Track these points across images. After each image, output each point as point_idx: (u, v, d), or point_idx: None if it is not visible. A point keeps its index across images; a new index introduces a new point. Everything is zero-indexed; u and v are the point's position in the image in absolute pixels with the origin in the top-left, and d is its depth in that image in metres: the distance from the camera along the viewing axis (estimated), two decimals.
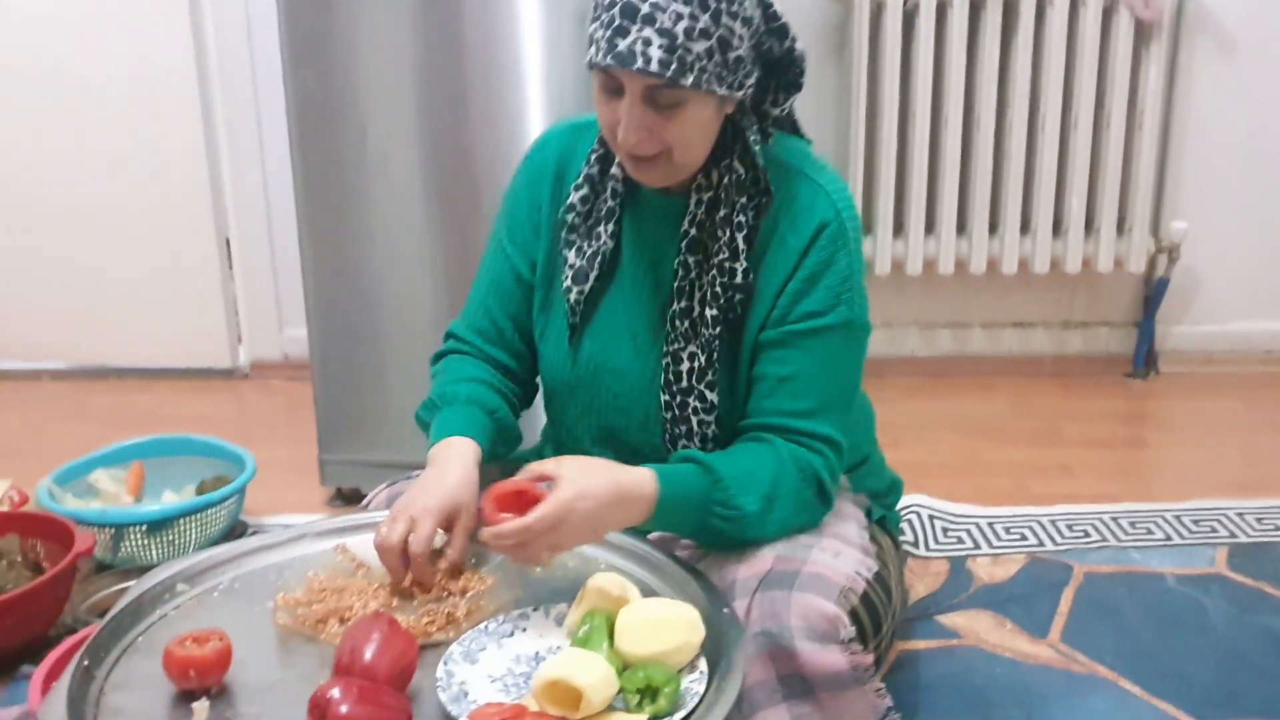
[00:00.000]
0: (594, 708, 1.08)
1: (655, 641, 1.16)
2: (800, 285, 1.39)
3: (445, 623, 1.29)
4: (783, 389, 1.40)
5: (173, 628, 1.30)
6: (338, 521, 1.52)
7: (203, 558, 1.42)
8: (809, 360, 1.40)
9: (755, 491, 1.35)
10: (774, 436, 1.40)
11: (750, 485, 1.35)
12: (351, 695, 1.06)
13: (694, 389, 1.43)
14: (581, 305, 1.48)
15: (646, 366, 1.46)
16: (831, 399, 1.42)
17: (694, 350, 1.42)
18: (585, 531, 1.29)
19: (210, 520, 2.03)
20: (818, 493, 1.40)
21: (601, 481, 1.30)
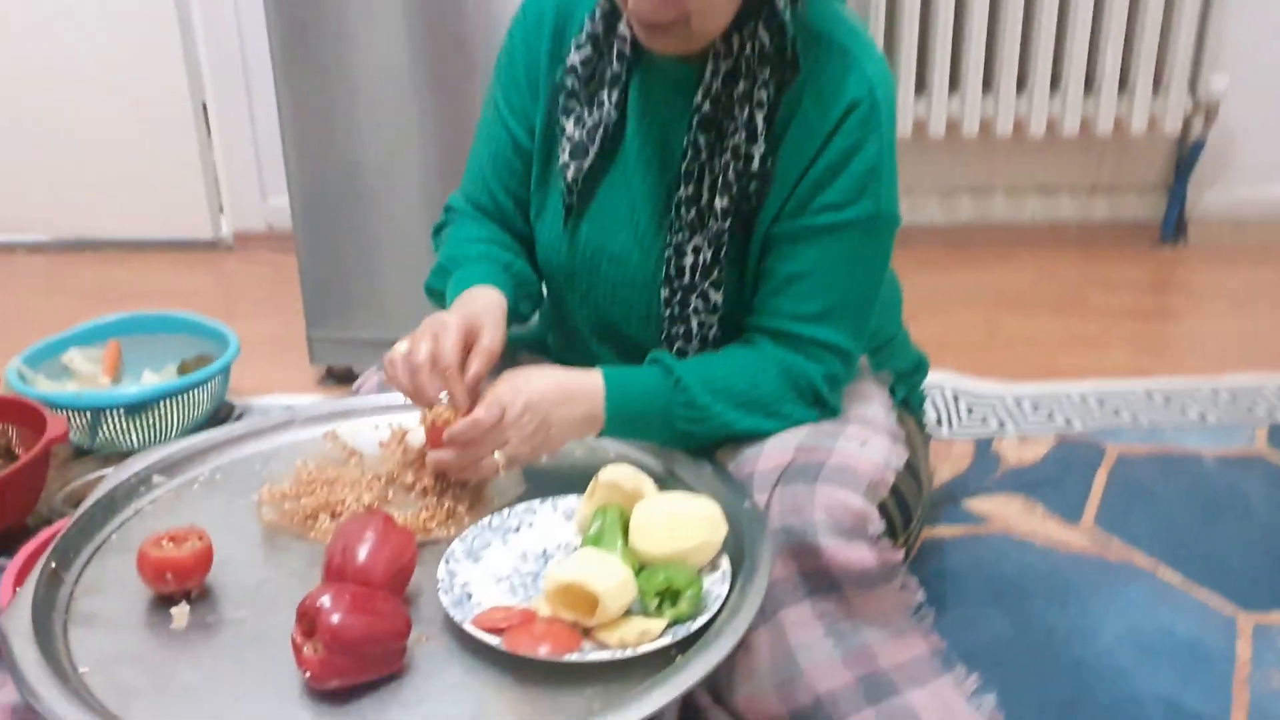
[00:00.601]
0: (610, 614, 0.99)
1: (673, 539, 1.06)
2: (822, 173, 1.24)
3: (446, 518, 1.19)
4: (790, 289, 1.27)
5: (148, 524, 1.20)
6: (327, 406, 1.41)
7: (181, 447, 1.31)
8: (823, 258, 1.26)
9: (724, 395, 1.25)
10: (767, 340, 1.28)
11: (720, 389, 1.24)
12: (343, 603, 0.96)
13: (697, 286, 1.30)
14: (579, 184, 1.33)
15: (648, 257, 1.32)
16: (845, 302, 1.28)
17: (699, 243, 1.28)
18: (533, 429, 1.18)
19: (193, 402, 1.91)
20: (811, 401, 1.28)
21: (541, 376, 1.21)
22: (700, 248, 1.28)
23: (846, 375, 1.32)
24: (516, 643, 0.97)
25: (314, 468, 1.27)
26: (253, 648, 1.02)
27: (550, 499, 1.20)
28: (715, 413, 1.24)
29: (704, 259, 1.28)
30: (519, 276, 1.39)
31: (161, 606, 1.07)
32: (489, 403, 1.16)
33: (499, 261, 1.38)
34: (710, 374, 1.25)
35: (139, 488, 1.25)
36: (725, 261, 1.28)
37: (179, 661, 1.01)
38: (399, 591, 1.06)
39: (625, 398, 1.22)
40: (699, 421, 1.24)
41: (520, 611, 1.01)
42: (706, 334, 1.33)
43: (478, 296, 1.30)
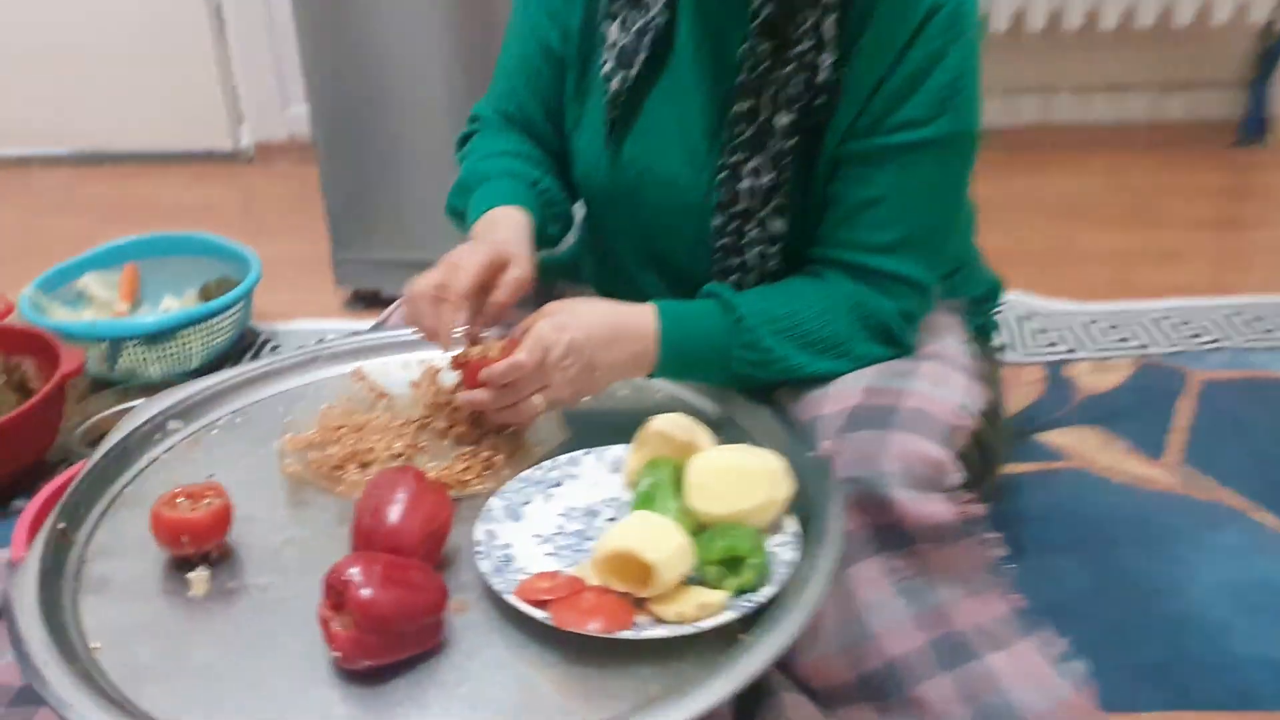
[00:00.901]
0: (665, 585, 0.89)
1: (734, 498, 0.96)
2: (899, 86, 1.10)
3: (482, 469, 1.09)
4: (862, 217, 1.14)
5: (164, 475, 1.11)
6: (353, 342, 1.31)
7: (197, 389, 1.21)
8: (899, 182, 1.13)
9: (790, 335, 1.13)
10: (835, 273, 1.16)
11: (785, 328, 1.13)
12: (375, 575, 0.87)
13: (755, 213, 1.17)
14: (623, 96, 1.20)
15: (699, 180, 1.19)
16: (922, 230, 1.16)
17: (759, 165, 1.15)
18: (578, 371, 1.07)
19: (216, 329, 1.82)
20: (884, 340, 1.16)
21: (588, 312, 1.10)
22: (760, 169, 1.16)
23: (922, 310, 1.20)
24: (564, 617, 0.88)
25: (340, 412, 1.17)
26: (277, 617, 0.94)
27: (595, 449, 1.09)
28: (780, 355, 1.12)
29: (764, 182, 1.15)
30: (547, 196, 1.27)
31: (179, 570, 0.99)
32: (530, 343, 1.05)
33: (525, 179, 1.26)
34: (774, 311, 1.13)
35: (153, 435, 1.16)
36: (788, 186, 1.15)
37: (197, 635, 0.92)
38: (434, 556, 0.97)
39: (680, 337, 1.11)
40: (761, 365, 1.13)
41: (567, 580, 0.92)
42: (765, 266, 1.21)
43: (502, 220, 1.19)
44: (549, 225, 1.27)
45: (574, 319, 1.08)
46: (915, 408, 1.10)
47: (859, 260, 1.15)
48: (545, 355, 1.05)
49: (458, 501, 1.04)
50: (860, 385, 1.14)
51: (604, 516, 1.03)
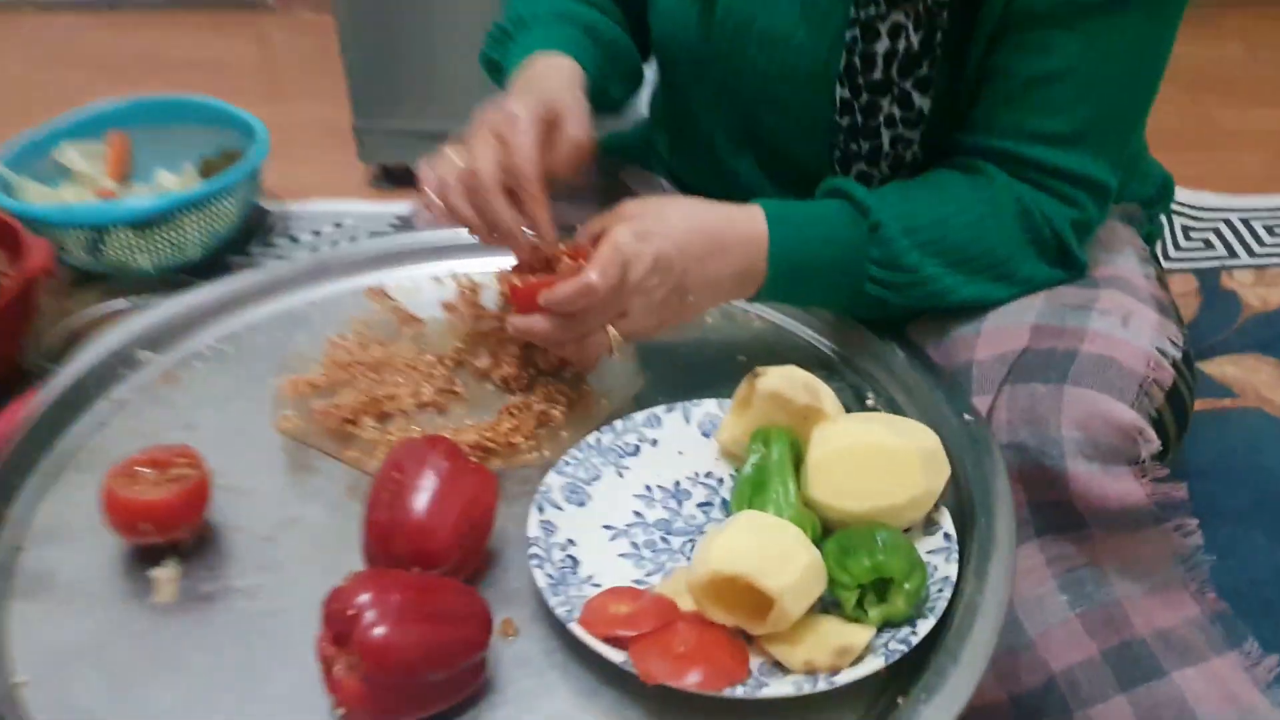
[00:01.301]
0: (789, 620, 0.65)
1: (875, 490, 0.71)
2: None
3: (536, 427, 0.85)
4: (1034, 97, 0.87)
5: (128, 425, 0.88)
6: (372, 248, 1.05)
7: (175, 309, 0.97)
8: (1088, 51, 0.85)
9: (938, 250, 0.86)
10: (995, 168, 0.89)
11: (931, 240, 0.86)
12: (391, 607, 0.63)
13: (893, 84, 0.90)
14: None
15: (820, 39, 0.91)
16: (1109, 117, 0.89)
17: (900, 21, 0.88)
18: (665, 294, 0.81)
19: (218, 212, 1.56)
20: (1054, 258, 0.90)
21: (680, 215, 0.83)
22: (902, 28, 0.87)
23: (1099, 220, 0.93)
24: (652, 664, 0.64)
25: (353, 344, 0.92)
26: (267, 638, 0.71)
27: (679, 405, 0.84)
28: (925, 276, 0.86)
29: (906, 44, 0.87)
30: (609, 44, 0.99)
31: (141, 564, 0.76)
32: (605, 258, 0.78)
33: (579, 22, 0.98)
34: (917, 217, 0.86)
35: (118, 370, 0.92)
36: (938, 52, 0.87)
37: (161, 662, 0.70)
38: (472, 559, 0.73)
39: (798, 249, 0.84)
40: (899, 287, 0.86)
41: (653, 604, 0.68)
42: (902, 155, 0.93)
43: (547, 69, 0.91)
44: (610, 83, 0.99)
45: (661, 225, 0.81)
46: (1098, 354, 0.83)
47: (1028, 153, 0.87)
48: (624, 274, 0.79)
49: (502, 475, 0.79)
50: (1025, 321, 0.87)
51: (694, 500, 0.78)
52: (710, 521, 0.77)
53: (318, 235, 1.73)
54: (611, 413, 0.85)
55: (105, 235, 1.50)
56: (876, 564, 0.66)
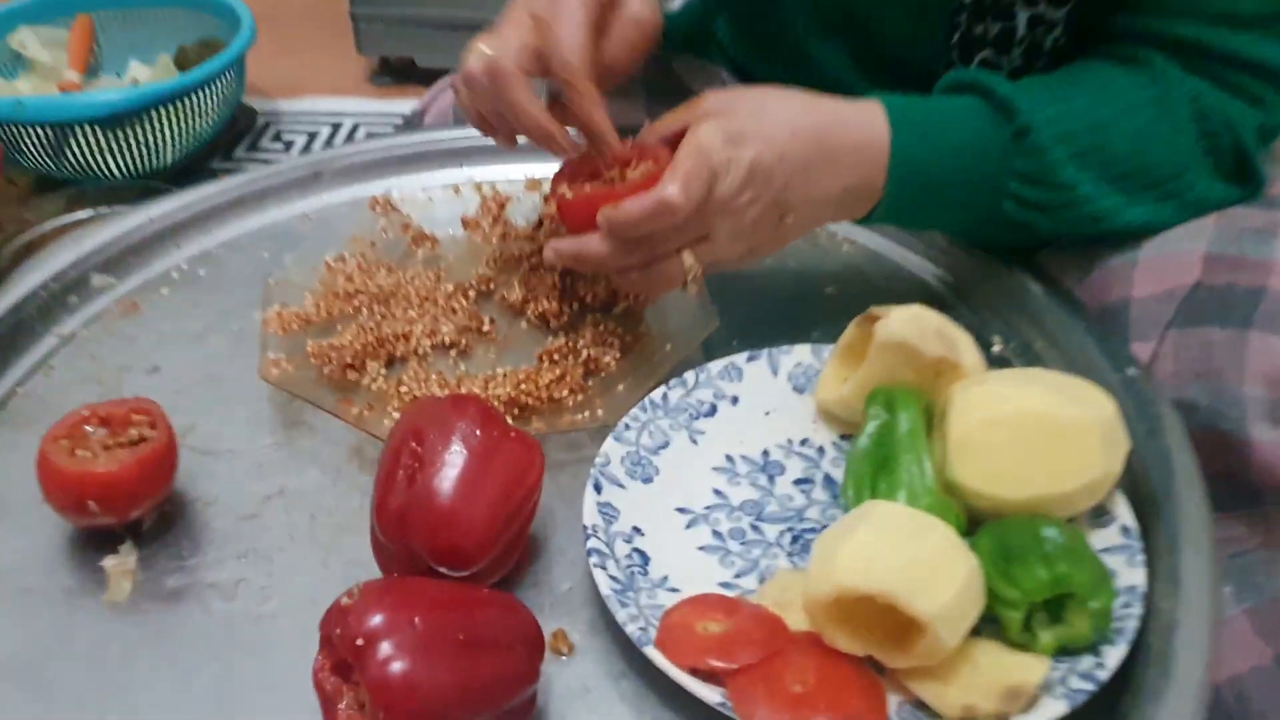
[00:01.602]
0: (943, 651, 0.49)
1: (1041, 474, 0.55)
2: None
3: (585, 377, 0.68)
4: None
5: (77, 368, 0.71)
6: (375, 150, 0.88)
7: (136, 223, 0.79)
8: None
9: (1095, 160, 0.68)
10: (1163, 58, 0.70)
11: (1087, 148, 0.68)
12: (412, 633, 0.47)
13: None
14: None
15: None
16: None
17: None
18: (760, 213, 0.63)
19: (197, 110, 1.37)
20: (1231, 171, 0.72)
21: (778, 112, 0.64)
22: None
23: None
24: (762, 709, 0.48)
25: (354, 269, 0.75)
26: (250, 651, 0.55)
27: (763, 353, 0.67)
28: (1082, 195, 0.68)
29: None
30: None
31: (89, 551, 0.60)
32: (689, 168, 0.60)
33: None
34: (1072, 121, 0.68)
35: (66, 298, 0.75)
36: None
37: (113, 685, 0.54)
38: (511, 554, 0.57)
39: (924, 160, 0.66)
40: (1049, 208, 0.68)
41: (753, 621, 0.52)
42: (1040, 41, 0.75)
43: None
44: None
45: (758, 124, 0.63)
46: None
47: (1210, 39, 0.69)
48: (711, 187, 0.61)
49: (544, 439, 0.63)
50: (1195, 249, 0.70)
51: (790, 476, 0.62)
52: (812, 504, 0.60)
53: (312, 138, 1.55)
54: (677, 362, 0.68)
55: (68, 135, 1.31)
56: (1057, 576, 0.50)
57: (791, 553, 0.58)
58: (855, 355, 0.63)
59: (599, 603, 0.55)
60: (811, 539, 0.58)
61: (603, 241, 0.63)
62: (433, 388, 0.66)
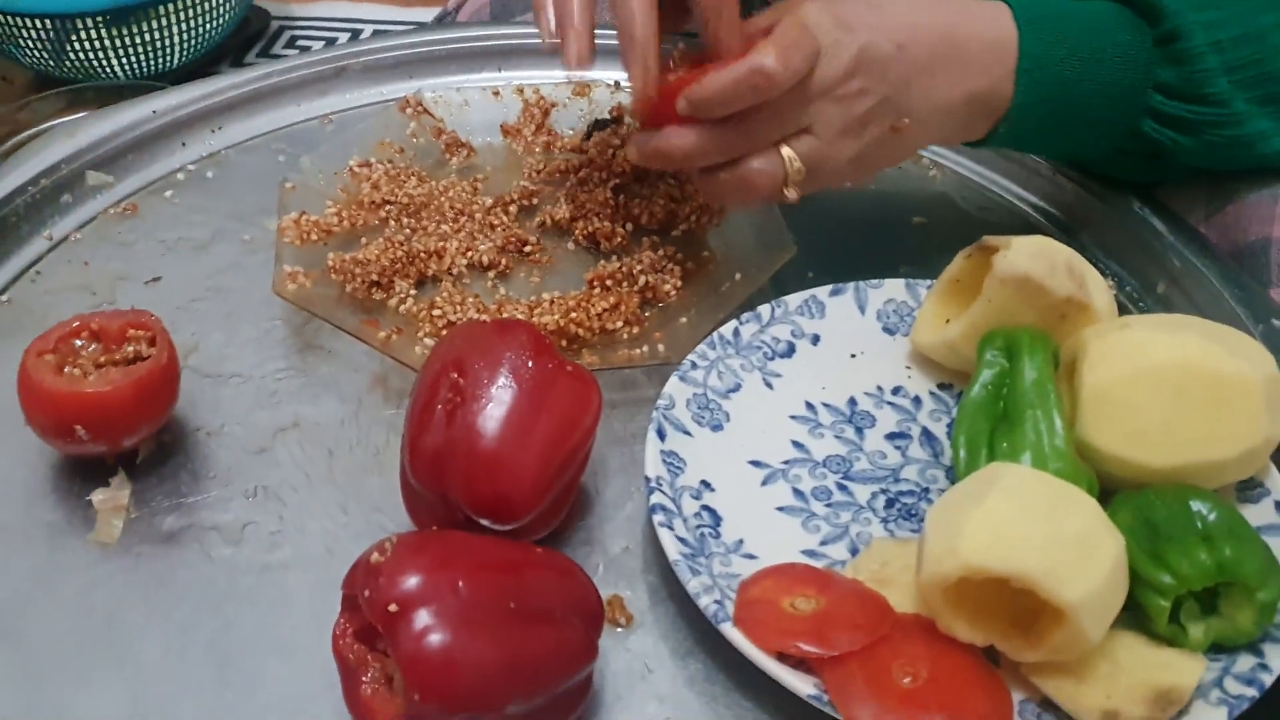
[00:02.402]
0: (1085, 645, 0.41)
1: (1194, 438, 0.46)
2: None
3: (641, 305, 0.59)
4: None
5: (70, 275, 0.63)
6: (403, 44, 0.78)
7: (136, 117, 0.71)
8: None
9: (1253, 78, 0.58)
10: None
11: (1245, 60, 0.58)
12: (452, 598, 0.39)
13: None
14: None
15: None
16: None
17: None
18: (873, 106, 0.54)
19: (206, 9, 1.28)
20: None
21: (906, 6, 0.56)
22: None
23: None
24: (865, 707, 0.40)
25: (380, 175, 0.66)
26: (257, 607, 0.47)
27: (849, 286, 0.59)
28: (1235, 113, 0.58)
29: None
30: None
31: (76, 482, 0.52)
32: (789, 36, 0.51)
33: None
34: (1225, 26, 0.58)
35: (59, 196, 0.66)
36: None
37: (98, 643, 0.46)
38: (560, 506, 0.49)
39: (1057, 66, 0.57)
40: (1195, 126, 0.59)
41: (852, 599, 0.44)
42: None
43: None
44: None
45: (872, 13, 0.54)
46: None
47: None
48: (815, 65, 0.52)
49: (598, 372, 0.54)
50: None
51: (881, 430, 0.54)
52: (908, 463, 0.52)
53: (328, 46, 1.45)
54: (748, 293, 0.60)
55: (70, 30, 1.21)
56: (1220, 561, 0.42)
57: (886, 519, 0.50)
58: (960, 292, 0.55)
59: (662, 568, 0.48)
60: (909, 503, 0.50)
61: (690, 131, 0.53)
62: (469, 312, 0.58)
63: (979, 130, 0.58)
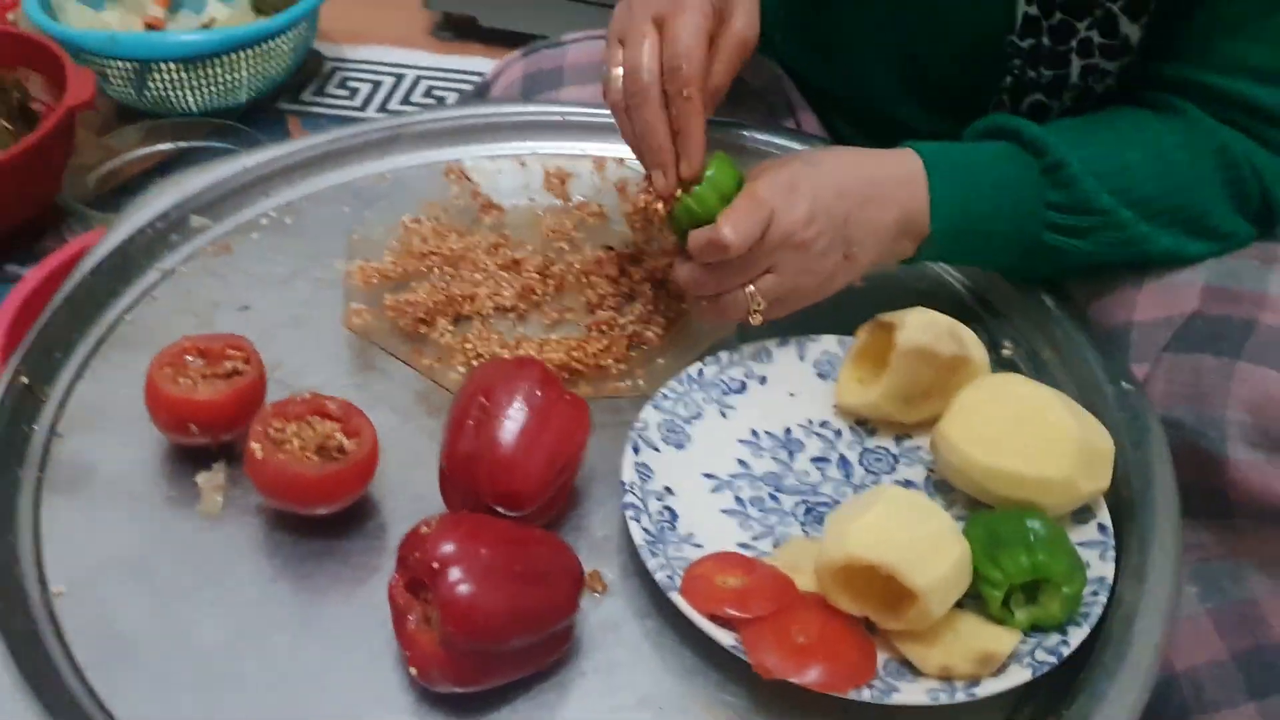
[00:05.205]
0: (930, 619, 0.57)
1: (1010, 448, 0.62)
2: None
3: (628, 348, 0.75)
4: (1257, 25, 0.73)
5: (177, 298, 0.79)
6: (448, 116, 0.94)
7: (230, 172, 0.86)
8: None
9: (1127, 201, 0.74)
10: (1192, 105, 0.76)
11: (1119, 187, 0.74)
12: (479, 561, 0.55)
13: (1095, 3, 0.76)
14: None
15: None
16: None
17: None
18: (829, 243, 0.69)
19: (271, 53, 1.44)
20: (1256, 213, 0.78)
21: (834, 158, 0.73)
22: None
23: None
24: (769, 654, 0.56)
25: (428, 230, 0.82)
26: (324, 567, 0.63)
27: (793, 339, 0.74)
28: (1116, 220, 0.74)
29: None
30: None
31: (187, 465, 0.68)
32: (742, 209, 0.67)
33: None
34: (1100, 161, 0.74)
35: (169, 236, 0.83)
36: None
37: (207, 584, 0.62)
38: (559, 500, 0.65)
39: (962, 195, 0.73)
40: (1087, 232, 0.74)
41: (768, 579, 0.59)
42: (1091, 88, 0.80)
43: None
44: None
45: (810, 171, 0.70)
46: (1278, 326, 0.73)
47: (1246, 92, 0.74)
48: (769, 226, 0.68)
49: (589, 401, 0.70)
50: (1195, 280, 0.77)
51: (808, 454, 0.69)
52: (826, 481, 0.68)
53: (375, 88, 1.61)
54: (714, 340, 0.76)
55: (151, 69, 1.38)
56: (1036, 563, 0.57)
57: (804, 523, 0.65)
58: (867, 356, 0.70)
59: (631, 550, 0.63)
60: (823, 512, 0.66)
61: (683, 266, 0.70)
62: (494, 346, 0.74)
63: (909, 250, 0.73)
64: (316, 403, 0.65)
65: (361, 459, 0.63)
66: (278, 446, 0.62)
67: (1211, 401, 0.72)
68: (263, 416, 0.64)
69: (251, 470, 0.62)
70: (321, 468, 0.62)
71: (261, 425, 0.63)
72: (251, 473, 0.62)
